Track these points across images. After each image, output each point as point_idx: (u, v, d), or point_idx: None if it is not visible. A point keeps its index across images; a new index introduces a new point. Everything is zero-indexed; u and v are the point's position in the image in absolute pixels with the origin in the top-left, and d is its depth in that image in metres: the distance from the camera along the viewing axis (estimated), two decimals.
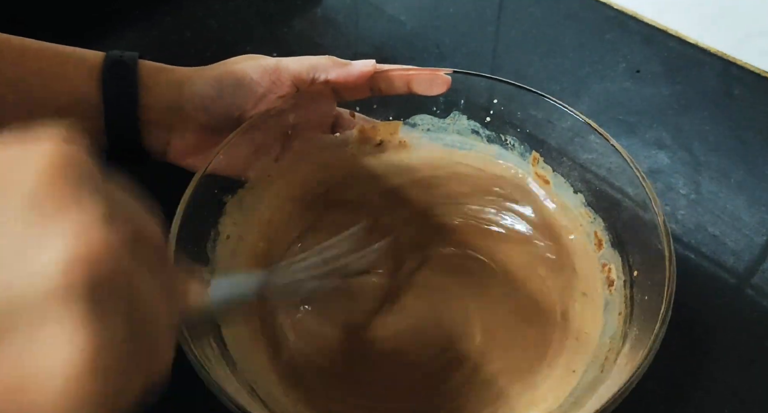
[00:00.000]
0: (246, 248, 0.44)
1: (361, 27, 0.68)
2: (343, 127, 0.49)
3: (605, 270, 0.42)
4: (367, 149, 0.49)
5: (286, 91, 0.44)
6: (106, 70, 0.42)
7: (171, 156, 0.45)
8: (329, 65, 0.44)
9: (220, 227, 0.43)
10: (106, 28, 0.65)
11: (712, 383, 0.42)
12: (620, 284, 0.41)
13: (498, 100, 0.47)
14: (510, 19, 0.68)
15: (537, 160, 0.47)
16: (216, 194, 0.43)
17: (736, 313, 0.46)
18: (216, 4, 0.69)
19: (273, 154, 0.46)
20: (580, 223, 0.45)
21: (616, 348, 0.37)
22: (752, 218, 0.51)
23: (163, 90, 0.43)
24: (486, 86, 0.47)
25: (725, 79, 0.62)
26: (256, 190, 0.45)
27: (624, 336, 0.38)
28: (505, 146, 0.48)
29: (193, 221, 0.39)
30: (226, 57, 0.45)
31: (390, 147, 0.49)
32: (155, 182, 0.42)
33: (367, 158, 0.49)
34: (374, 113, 0.49)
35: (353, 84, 0.44)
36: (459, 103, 0.48)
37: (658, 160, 0.55)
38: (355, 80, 0.44)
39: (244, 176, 0.45)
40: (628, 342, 0.37)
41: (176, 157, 0.45)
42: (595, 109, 0.59)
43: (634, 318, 0.38)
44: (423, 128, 0.49)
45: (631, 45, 0.65)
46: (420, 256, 0.46)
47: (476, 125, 0.48)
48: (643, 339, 0.35)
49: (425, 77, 0.45)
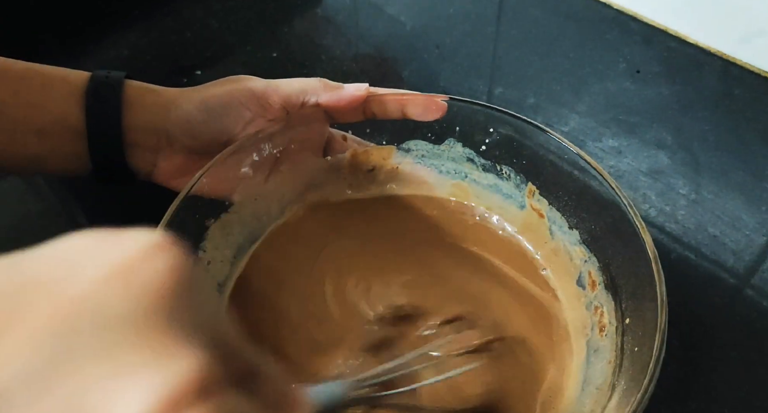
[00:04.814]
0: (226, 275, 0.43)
1: (361, 27, 0.68)
2: (335, 150, 0.47)
3: (597, 313, 0.41)
4: (359, 175, 0.48)
5: (276, 115, 0.43)
6: (89, 93, 0.41)
7: (157, 177, 0.44)
8: (320, 88, 0.43)
9: (201, 252, 0.41)
10: (106, 28, 0.65)
11: (712, 383, 0.42)
12: (612, 330, 0.39)
13: (494, 129, 0.46)
14: (510, 19, 0.68)
15: (533, 192, 0.46)
16: (197, 218, 0.41)
17: (736, 313, 0.46)
18: (216, 4, 0.69)
19: (260, 176, 0.45)
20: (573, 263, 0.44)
21: (602, 401, 0.36)
22: (752, 218, 0.51)
23: (148, 112, 0.42)
24: (482, 114, 0.46)
25: (725, 79, 0.62)
26: (240, 214, 0.44)
27: (612, 387, 0.36)
28: (501, 176, 0.47)
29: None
30: (226, 57, 0.45)
31: (382, 173, 0.48)
32: (141, 202, 0.42)
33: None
34: (367, 137, 0.48)
35: (345, 108, 0.43)
36: (454, 130, 0.47)
37: (658, 160, 0.55)
38: (346, 104, 0.43)
39: (229, 198, 0.43)
40: (616, 395, 0.35)
41: (163, 178, 0.44)
42: (595, 109, 0.59)
43: (623, 369, 0.36)
44: (417, 153, 0.48)
45: (631, 45, 0.65)
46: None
47: (471, 152, 0.47)
48: (630, 394, 0.33)
49: (420, 102, 0.44)
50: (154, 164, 0.43)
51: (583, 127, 0.58)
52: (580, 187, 0.43)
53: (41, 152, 0.41)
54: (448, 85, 0.61)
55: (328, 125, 0.46)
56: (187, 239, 0.41)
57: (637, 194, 0.53)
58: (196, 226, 0.42)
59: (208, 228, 0.42)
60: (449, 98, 0.44)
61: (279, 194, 0.46)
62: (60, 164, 0.43)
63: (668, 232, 0.50)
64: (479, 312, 0.42)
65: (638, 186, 0.53)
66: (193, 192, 0.40)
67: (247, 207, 0.45)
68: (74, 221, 0.52)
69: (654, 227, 0.50)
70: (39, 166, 0.43)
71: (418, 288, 0.43)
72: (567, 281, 0.44)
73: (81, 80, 0.42)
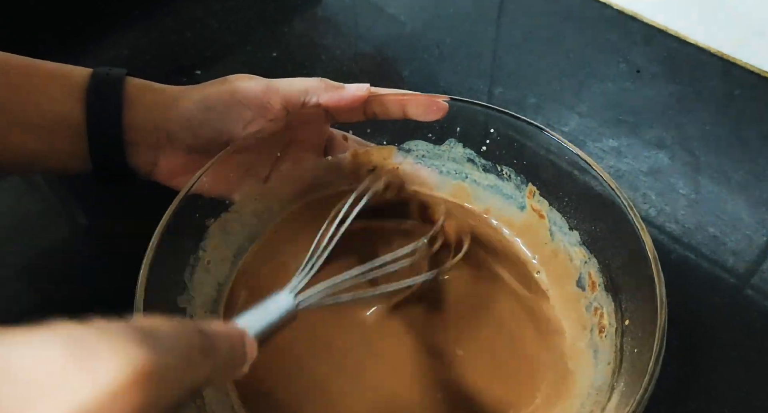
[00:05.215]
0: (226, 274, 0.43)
1: (361, 27, 0.68)
2: (336, 150, 0.47)
3: (597, 315, 0.41)
4: (360, 174, 0.47)
5: (276, 115, 0.43)
6: (90, 90, 0.41)
7: (158, 176, 0.44)
8: (321, 88, 0.43)
9: (201, 251, 0.41)
10: (106, 28, 0.65)
11: (712, 383, 0.42)
12: (612, 331, 0.39)
13: (495, 130, 0.46)
14: (510, 19, 0.68)
15: (533, 193, 0.46)
16: (198, 218, 0.41)
17: (736, 313, 0.46)
18: (216, 4, 0.69)
19: (261, 176, 0.45)
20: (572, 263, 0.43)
21: (602, 402, 0.36)
22: (752, 218, 0.51)
23: (149, 110, 0.42)
24: (483, 115, 0.45)
25: (725, 79, 0.62)
26: (241, 213, 0.44)
27: (611, 388, 0.36)
28: (501, 177, 0.47)
29: (172, 244, 0.37)
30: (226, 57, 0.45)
31: (383, 173, 0.47)
32: (141, 202, 0.42)
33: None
34: (368, 137, 0.48)
35: (346, 108, 0.43)
36: (455, 130, 0.47)
37: (658, 160, 0.55)
38: (347, 105, 0.43)
39: (229, 198, 0.43)
40: (615, 396, 0.35)
41: (163, 177, 0.44)
42: (595, 109, 0.59)
43: (623, 371, 0.36)
44: (417, 153, 0.48)
45: (631, 45, 0.65)
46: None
47: (472, 153, 0.47)
48: (630, 395, 0.33)
49: (421, 102, 0.44)
50: (154, 163, 0.43)
51: (583, 127, 0.58)
52: (580, 187, 0.43)
53: (40, 149, 0.41)
54: (448, 85, 0.61)
55: (328, 124, 0.46)
56: (187, 239, 0.41)
57: (637, 194, 0.53)
58: (196, 225, 0.42)
59: (208, 228, 0.42)
60: (450, 99, 0.44)
61: (279, 193, 0.46)
62: (59, 162, 0.42)
63: (668, 232, 0.50)
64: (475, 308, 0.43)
65: (638, 186, 0.53)
66: (193, 191, 0.40)
67: (247, 207, 0.45)
68: (74, 221, 0.52)
69: (654, 227, 0.50)
70: (38, 164, 0.43)
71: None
72: (566, 283, 0.43)
73: (82, 77, 0.42)
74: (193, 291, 0.40)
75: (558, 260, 0.44)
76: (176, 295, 0.39)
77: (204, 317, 0.40)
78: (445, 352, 0.41)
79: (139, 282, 0.34)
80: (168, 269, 0.38)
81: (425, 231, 0.42)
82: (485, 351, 0.41)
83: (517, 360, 0.41)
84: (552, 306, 0.43)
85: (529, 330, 0.42)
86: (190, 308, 0.39)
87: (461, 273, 0.44)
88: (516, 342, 0.42)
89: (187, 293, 0.40)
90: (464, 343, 0.41)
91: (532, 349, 0.41)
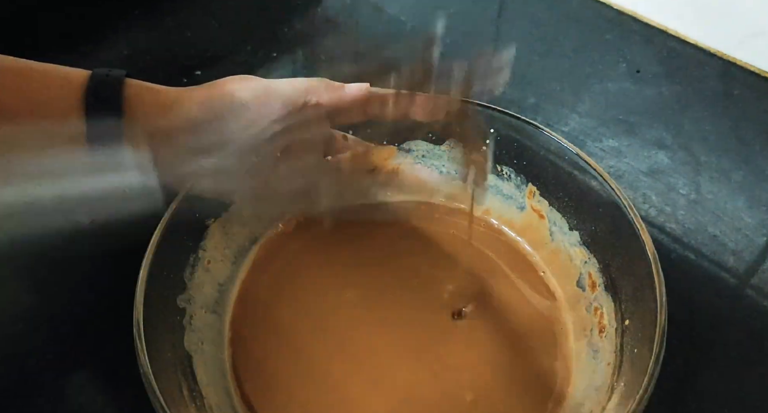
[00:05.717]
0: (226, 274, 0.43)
1: (361, 27, 0.68)
2: (336, 150, 0.47)
3: (597, 315, 0.41)
4: (360, 174, 0.48)
5: (277, 115, 0.42)
6: (90, 92, 0.40)
7: (158, 177, 0.43)
8: (321, 88, 0.43)
9: (201, 251, 0.42)
10: (106, 28, 0.65)
11: (712, 383, 0.42)
12: (612, 331, 0.39)
13: (495, 130, 0.46)
14: (510, 19, 0.68)
15: (533, 193, 0.46)
16: (197, 218, 0.42)
17: (736, 313, 0.46)
18: (216, 4, 0.69)
19: (261, 176, 0.45)
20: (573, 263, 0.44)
21: (602, 402, 0.36)
22: (752, 218, 0.51)
23: (149, 112, 0.42)
24: (483, 115, 0.45)
25: (725, 79, 0.62)
26: (241, 213, 0.44)
27: (611, 388, 0.36)
28: (501, 177, 0.47)
29: (172, 244, 0.38)
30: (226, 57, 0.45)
31: (383, 174, 0.48)
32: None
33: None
34: (368, 137, 0.48)
35: (346, 108, 0.43)
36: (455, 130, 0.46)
37: (658, 160, 0.55)
38: (348, 104, 0.43)
39: (229, 198, 0.44)
40: (615, 396, 0.35)
41: (163, 178, 0.43)
42: (595, 109, 0.59)
43: (623, 371, 0.36)
44: (417, 153, 0.48)
45: (631, 45, 0.65)
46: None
47: None
48: (629, 395, 0.33)
49: (422, 103, 0.44)
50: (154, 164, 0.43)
51: (583, 127, 0.58)
52: (580, 188, 0.43)
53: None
54: None
55: (329, 125, 0.46)
56: (187, 239, 0.41)
57: (637, 194, 0.53)
58: (196, 226, 0.42)
59: (208, 228, 0.42)
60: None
61: (279, 193, 0.46)
62: None
63: (668, 232, 0.50)
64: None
65: (638, 186, 0.53)
66: (193, 192, 0.40)
67: (247, 207, 0.45)
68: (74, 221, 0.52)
69: (654, 227, 0.50)
70: None
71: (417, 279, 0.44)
72: (567, 283, 0.44)
73: (81, 79, 0.41)
74: (193, 291, 0.40)
75: (558, 261, 0.44)
76: (176, 295, 0.39)
77: (204, 317, 0.40)
78: (454, 354, 0.41)
79: (139, 282, 0.35)
80: (168, 269, 0.38)
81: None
82: (498, 352, 0.41)
83: (525, 360, 0.41)
84: (558, 307, 0.43)
85: (536, 331, 0.42)
86: (190, 308, 0.39)
87: (473, 275, 0.44)
88: (525, 342, 0.42)
89: (187, 293, 0.40)
90: (476, 344, 0.41)
91: (538, 349, 0.41)
